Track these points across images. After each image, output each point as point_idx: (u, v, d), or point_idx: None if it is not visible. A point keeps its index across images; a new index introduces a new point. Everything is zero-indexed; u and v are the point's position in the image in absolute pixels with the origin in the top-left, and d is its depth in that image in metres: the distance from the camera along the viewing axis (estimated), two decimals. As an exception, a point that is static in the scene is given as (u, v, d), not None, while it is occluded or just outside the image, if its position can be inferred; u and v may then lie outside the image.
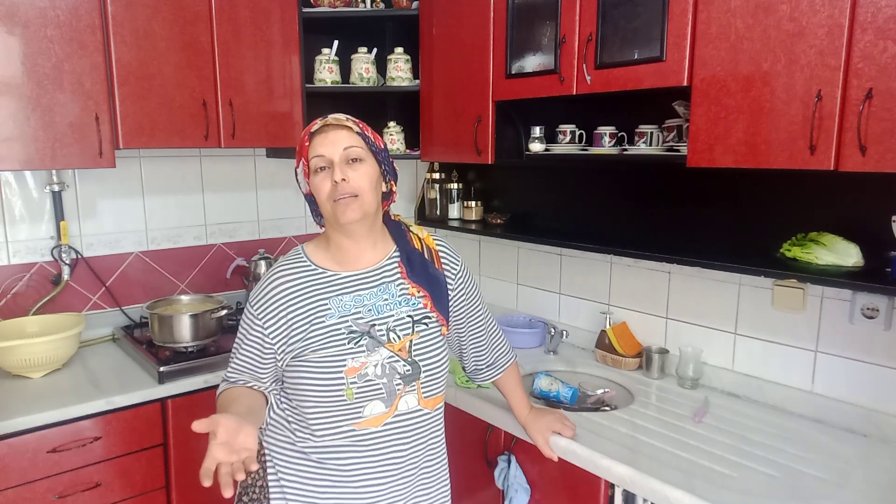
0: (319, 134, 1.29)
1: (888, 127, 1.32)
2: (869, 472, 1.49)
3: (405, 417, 1.31)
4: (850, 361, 1.73)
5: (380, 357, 1.28)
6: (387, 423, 1.29)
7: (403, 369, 1.30)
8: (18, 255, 2.24)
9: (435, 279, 1.39)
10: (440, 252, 1.43)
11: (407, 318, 1.33)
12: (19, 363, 1.97)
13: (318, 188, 1.28)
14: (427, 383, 1.33)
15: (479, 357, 1.57)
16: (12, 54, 1.86)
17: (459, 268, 1.45)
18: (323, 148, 1.27)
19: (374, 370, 1.27)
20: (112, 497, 1.92)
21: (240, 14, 2.26)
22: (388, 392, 1.28)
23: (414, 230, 1.44)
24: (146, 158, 2.48)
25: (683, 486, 1.41)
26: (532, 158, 2.22)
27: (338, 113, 1.32)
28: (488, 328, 1.55)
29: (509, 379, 1.64)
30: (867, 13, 1.33)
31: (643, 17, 1.70)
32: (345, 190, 1.25)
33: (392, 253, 1.38)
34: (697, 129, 1.62)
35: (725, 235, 1.91)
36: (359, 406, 1.26)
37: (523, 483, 1.79)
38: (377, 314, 1.31)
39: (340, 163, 1.26)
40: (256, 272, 2.59)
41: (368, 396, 1.26)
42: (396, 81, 2.51)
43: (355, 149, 1.28)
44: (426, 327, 1.35)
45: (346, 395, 1.25)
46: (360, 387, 1.26)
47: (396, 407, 1.29)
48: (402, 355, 1.30)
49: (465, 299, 1.46)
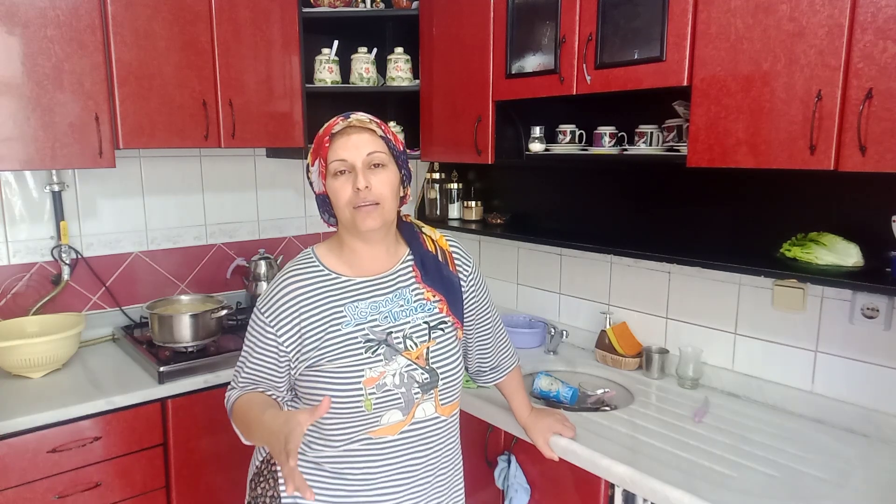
0: (342, 135, 1.23)
1: (888, 127, 1.32)
2: (869, 472, 1.49)
3: (422, 425, 1.28)
4: (850, 361, 1.73)
5: (398, 366, 1.24)
6: (403, 431, 1.26)
7: (422, 378, 1.26)
8: (18, 255, 2.24)
9: (449, 282, 1.35)
10: (454, 253, 1.40)
11: (423, 324, 1.30)
12: (19, 363, 1.97)
13: (337, 192, 1.23)
14: (444, 390, 1.30)
15: (484, 360, 1.55)
16: (12, 54, 1.86)
17: (472, 269, 1.42)
18: (345, 151, 1.21)
19: (393, 380, 1.23)
20: (112, 497, 1.92)
21: (240, 14, 2.26)
22: (406, 401, 1.24)
23: (426, 231, 1.40)
24: (146, 158, 2.48)
25: (683, 486, 1.41)
26: (532, 158, 2.22)
27: (359, 112, 1.26)
28: (496, 331, 1.53)
29: (511, 382, 1.63)
30: (867, 13, 1.33)
31: (643, 17, 1.70)
32: (367, 198, 1.21)
33: (406, 256, 1.35)
34: (697, 129, 1.62)
35: (725, 235, 1.91)
36: (377, 416, 1.23)
37: (523, 483, 1.79)
38: (393, 321, 1.27)
39: (364, 168, 1.21)
40: (256, 272, 2.60)
41: (387, 406, 1.23)
42: (396, 81, 2.51)
43: (379, 154, 1.23)
44: (442, 333, 1.31)
45: (364, 406, 1.21)
46: (379, 397, 1.22)
47: (413, 415, 1.26)
48: (420, 363, 1.27)
49: (477, 301, 1.44)
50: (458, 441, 1.42)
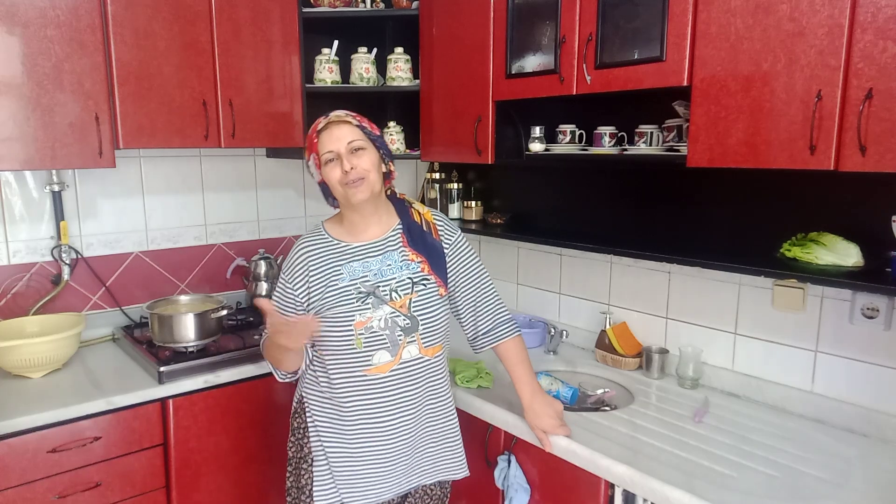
0: (325, 131, 1.53)
1: (888, 127, 1.31)
2: (869, 472, 1.49)
3: (409, 365, 1.55)
4: (850, 361, 1.73)
5: (383, 313, 1.53)
6: (393, 370, 1.54)
7: (403, 323, 1.54)
8: (18, 255, 2.24)
9: (433, 247, 1.62)
10: (437, 224, 1.67)
11: (407, 279, 1.57)
12: (19, 363, 1.97)
13: (330, 176, 1.53)
14: (426, 334, 1.56)
15: (479, 320, 1.69)
16: (12, 54, 1.86)
17: (455, 237, 1.68)
18: (330, 144, 1.52)
19: (379, 323, 1.52)
20: (112, 497, 1.92)
21: (240, 14, 2.26)
22: (391, 342, 1.53)
23: (416, 207, 1.68)
24: (146, 158, 2.48)
25: (683, 486, 1.41)
26: (532, 158, 2.22)
27: (338, 110, 1.56)
28: (483, 290, 1.69)
29: (510, 352, 1.69)
30: (867, 13, 1.33)
31: (643, 17, 1.70)
32: (353, 176, 1.50)
33: (395, 226, 1.63)
34: (697, 129, 1.62)
35: (725, 235, 1.91)
36: (367, 354, 1.52)
37: (523, 483, 1.79)
38: (381, 277, 1.56)
39: (346, 154, 1.51)
40: (256, 272, 2.59)
41: (375, 346, 1.52)
42: (396, 81, 2.51)
43: (357, 141, 1.52)
44: (424, 287, 1.58)
45: (355, 344, 1.51)
46: (367, 338, 1.51)
47: (401, 356, 1.54)
48: (403, 311, 1.54)
49: (459, 261, 1.66)
50: (446, 378, 1.67)
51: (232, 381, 2.12)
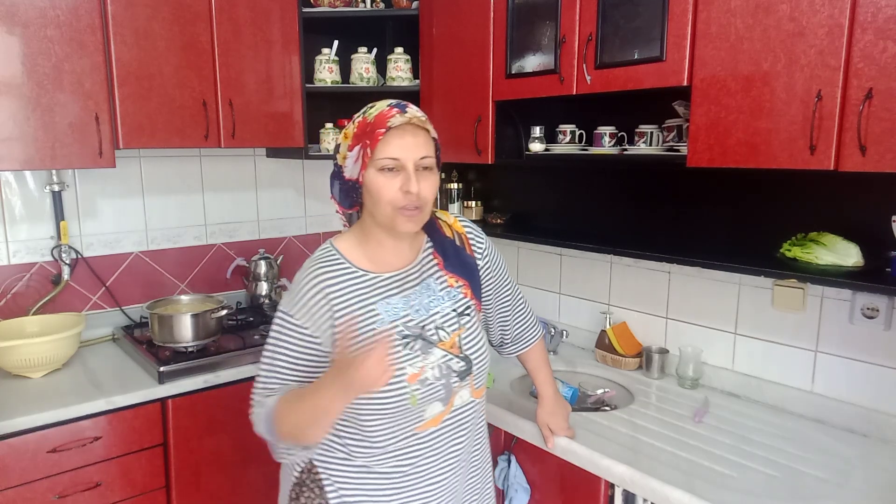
0: (399, 132, 1.17)
1: (888, 127, 1.31)
2: (869, 472, 1.49)
3: (461, 411, 1.30)
4: (850, 361, 1.73)
5: (435, 358, 1.24)
6: (445, 421, 1.27)
7: (458, 366, 1.27)
8: (18, 255, 2.24)
9: (469, 266, 1.36)
10: (468, 235, 1.39)
11: (451, 312, 1.30)
12: (19, 363, 1.97)
13: (382, 189, 1.18)
14: (477, 375, 1.32)
15: (506, 331, 1.54)
16: (12, 54, 1.86)
17: (485, 246, 1.42)
18: (400, 151, 1.17)
19: (433, 372, 1.23)
20: (112, 497, 1.92)
21: (240, 14, 2.27)
22: (446, 391, 1.25)
23: (441, 217, 1.39)
24: (146, 158, 2.48)
25: (683, 486, 1.41)
26: (532, 158, 2.22)
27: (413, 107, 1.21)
28: (515, 303, 1.52)
29: (533, 355, 1.61)
30: (867, 13, 1.33)
31: (643, 17, 1.70)
32: (414, 202, 1.18)
33: (425, 245, 1.34)
34: (697, 129, 1.62)
35: (725, 235, 1.91)
36: (421, 410, 1.22)
37: (523, 483, 1.79)
38: (425, 314, 1.26)
39: (415, 170, 1.18)
40: (256, 272, 2.60)
41: (430, 400, 1.23)
42: (396, 81, 2.51)
43: (429, 158, 1.20)
44: (469, 318, 1.32)
45: (410, 403, 1.20)
46: (423, 392, 1.21)
47: (453, 403, 1.27)
48: (455, 352, 1.27)
49: (493, 276, 1.43)
50: (485, 417, 1.45)
51: (232, 381, 2.12)
